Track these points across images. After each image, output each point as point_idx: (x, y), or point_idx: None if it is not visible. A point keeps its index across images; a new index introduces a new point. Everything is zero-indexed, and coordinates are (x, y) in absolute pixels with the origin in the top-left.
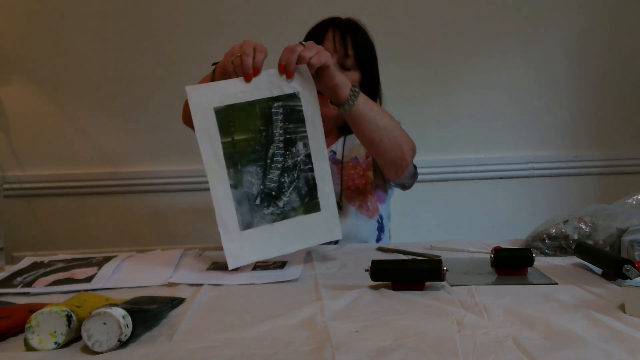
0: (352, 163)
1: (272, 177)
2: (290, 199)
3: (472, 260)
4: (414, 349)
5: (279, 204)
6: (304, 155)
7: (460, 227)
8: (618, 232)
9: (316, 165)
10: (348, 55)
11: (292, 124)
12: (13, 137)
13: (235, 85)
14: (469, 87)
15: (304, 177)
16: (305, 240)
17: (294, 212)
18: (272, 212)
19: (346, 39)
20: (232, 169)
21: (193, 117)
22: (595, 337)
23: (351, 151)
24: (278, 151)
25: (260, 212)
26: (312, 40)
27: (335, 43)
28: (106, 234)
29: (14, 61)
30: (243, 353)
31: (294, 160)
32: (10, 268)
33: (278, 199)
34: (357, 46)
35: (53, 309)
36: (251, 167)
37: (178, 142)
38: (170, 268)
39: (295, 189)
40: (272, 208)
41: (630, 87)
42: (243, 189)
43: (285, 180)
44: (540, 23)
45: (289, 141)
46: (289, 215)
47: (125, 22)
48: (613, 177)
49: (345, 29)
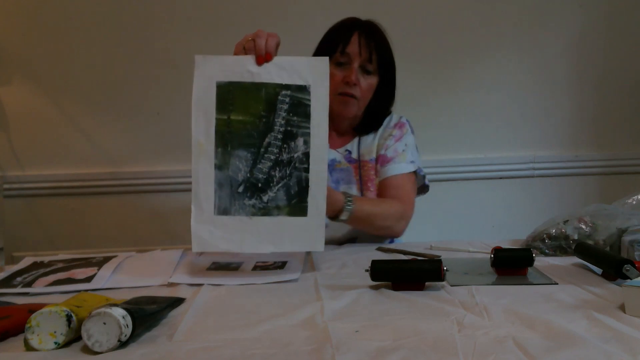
0: (370, 164)
1: (262, 167)
2: (277, 195)
3: (472, 261)
4: (414, 349)
5: (262, 198)
6: (302, 153)
7: (460, 227)
8: (618, 232)
9: (313, 168)
10: (371, 60)
11: (297, 117)
12: (13, 137)
13: (246, 62)
14: (469, 87)
15: (297, 175)
16: (282, 244)
17: (277, 211)
18: (254, 205)
19: (370, 44)
20: (220, 149)
21: (194, 87)
22: (595, 337)
23: (368, 152)
24: (275, 142)
25: (240, 201)
26: (337, 41)
27: (361, 46)
28: (106, 234)
29: (14, 61)
30: (243, 353)
31: (290, 156)
32: (10, 268)
33: (263, 192)
34: (380, 52)
35: (53, 309)
36: (241, 152)
37: (178, 142)
38: (170, 268)
39: (285, 186)
40: (254, 200)
41: (630, 87)
42: (228, 172)
43: (275, 175)
44: (541, 23)
45: (289, 134)
46: (270, 213)
47: (125, 22)
48: (613, 177)
49: (370, 34)
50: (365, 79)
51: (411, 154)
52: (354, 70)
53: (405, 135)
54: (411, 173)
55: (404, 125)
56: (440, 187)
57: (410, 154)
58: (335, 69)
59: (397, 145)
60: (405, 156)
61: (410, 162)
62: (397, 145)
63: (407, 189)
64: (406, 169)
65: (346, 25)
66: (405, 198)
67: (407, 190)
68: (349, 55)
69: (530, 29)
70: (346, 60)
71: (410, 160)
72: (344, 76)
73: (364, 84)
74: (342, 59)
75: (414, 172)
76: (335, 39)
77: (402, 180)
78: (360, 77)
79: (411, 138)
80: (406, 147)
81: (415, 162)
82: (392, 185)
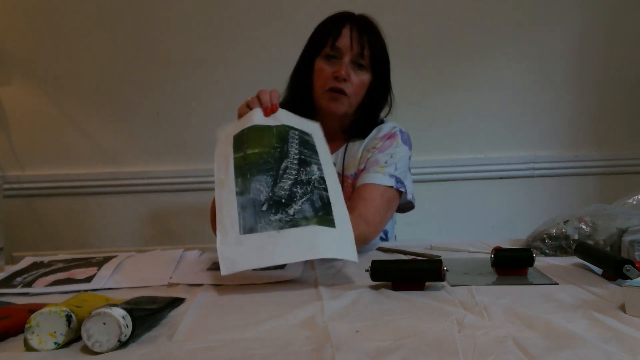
0: (351, 180)
1: (284, 185)
2: (303, 208)
3: (472, 261)
4: (414, 349)
5: (288, 212)
6: (319, 177)
7: (461, 227)
8: (618, 232)
9: (331, 187)
10: (363, 55)
11: (307, 150)
12: (13, 137)
13: (254, 116)
14: (469, 86)
15: (318, 193)
16: (318, 250)
17: (305, 221)
18: (280, 219)
19: (363, 38)
20: (240, 178)
21: (216, 147)
22: (595, 338)
23: (350, 165)
24: (292, 165)
25: (266, 218)
26: (327, 34)
27: (352, 40)
28: (106, 234)
29: (14, 61)
30: (243, 353)
31: (308, 177)
32: (10, 268)
33: (288, 207)
34: (373, 46)
35: (53, 309)
36: (261, 176)
37: (178, 142)
38: (170, 268)
39: (309, 200)
40: (280, 215)
41: (630, 87)
42: (250, 195)
43: (297, 191)
44: (541, 23)
45: (303, 161)
46: (299, 224)
47: (125, 23)
48: (613, 177)
49: (362, 27)
50: (357, 75)
51: (394, 168)
52: (344, 64)
53: (394, 147)
54: (387, 187)
55: (395, 136)
56: (440, 187)
57: (392, 168)
58: (325, 63)
59: (379, 156)
60: (385, 169)
61: (390, 176)
62: (379, 157)
63: (376, 203)
64: (380, 181)
65: (337, 18)
66: (370, 216)
67: (374, 206)
68: (340, 49)
69: (530, 29)
70: (336, 54)
71: (390, 174)
72: (334, 71)
73: (355, 80)
74: (332, 52)
75: (390, 187)
76: (325, 32)
77: (373, 192)
78: (351, 73)
79: (401, 151)
80: (390, 159)
81: (396, 178)
82: (360, 196)
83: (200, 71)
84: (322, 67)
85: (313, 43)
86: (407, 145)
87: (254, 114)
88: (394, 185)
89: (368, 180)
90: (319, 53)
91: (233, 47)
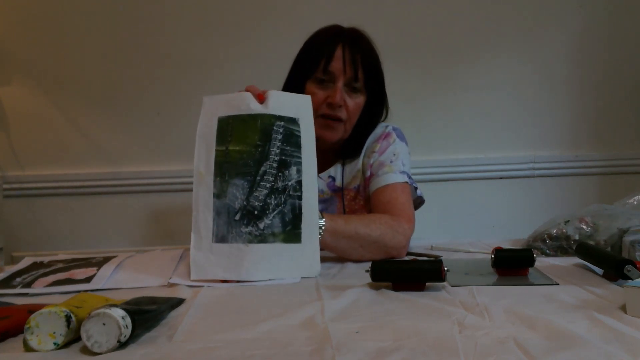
0: (353, 193)
1: (259, 195)
2: (273, 222)
3: (472, 261)
4: (414, 349)
5: (259, 225)
6: (296, 181)
7: (461, 227)
8: (619, 232)
9: (305, 195)
10: (357, 78)
11: (290, 146)
12: (13, 137)
13: (246, 99)
14: (469, 87)
15: (291, 203)
16: (279, 271)
17: (272, 238)
18: (250, 232)
19: (356, 59)
20: (218, 178)
21: (199, 124)
22: (596, 338)
23: (353, 179)
24: (270, 170)
25: (237, 229)
26: (318, 56)
27: (345, 63)
28: (106, 234)
29: (14, 61)
30: (243, 353)
31: (285, 184)
32: (10, 268)
33: (259, 220)
34: (367, 67)
35: (52, 309)
36: (238, 180)
37: (178, 142)
38: (170, 268)
39: (280, 213)
40: (250, 227)
41: (630, 87)
42: (225, 200)
43: (271, 202)
44: (541, 23)
45: (283, 163)
46: (267, 240)
47: (125, 23)
48: (613, 177)
49: (354, 46)
50: (351, 98)
51: (402, 164)
52: (338, 90)
53: (392, 145)
54: (403, 183)
55: (390, 135)
56: (440, 187)
57: (400, 164)
58: (317, 87)
59: (382, 157)
60: (393, 167)
61: (401, 173)
62: (382, 158)
63: (402, 200)
64: (394, 179)
65: (328, 37)
66: (397, 210)
67: (401, 203)
68: (332, 73)
69: (530, 29)
70: (329, 78)
71: (400, 171)
72: (327, 96)
73: (350, 104)
74: (324, 76)
75: (406, 183)
76: (316, 54)
77: (393, 192)
78: (346, 97)
79: (401, 146)
80: (394, 157)
81: (407, 174)
82: (383, 200)
83: (200, 71)
84: (314, 91)
85: (303, 64)
86: (403, 141)
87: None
88: (408, 180)
89: (383, 183)
90: (309, 76)
91: (233, 47)
